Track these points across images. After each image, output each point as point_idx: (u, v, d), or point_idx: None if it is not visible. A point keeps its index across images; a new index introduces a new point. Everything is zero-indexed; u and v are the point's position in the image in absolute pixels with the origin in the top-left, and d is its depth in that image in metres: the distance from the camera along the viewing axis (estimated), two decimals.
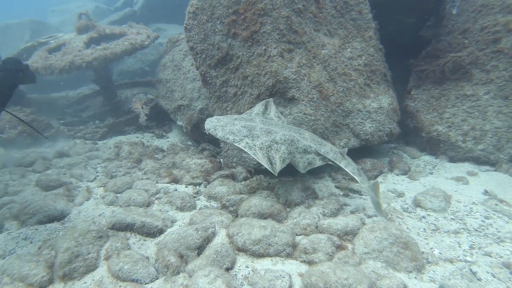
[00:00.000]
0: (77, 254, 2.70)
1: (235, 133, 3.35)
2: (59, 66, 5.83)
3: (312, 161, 3.46)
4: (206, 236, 2.92)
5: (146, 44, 6.18)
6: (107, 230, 3.15)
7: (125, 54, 5.94)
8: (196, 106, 5.51)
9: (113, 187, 4.01)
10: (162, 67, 6.24)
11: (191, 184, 4.13)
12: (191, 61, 5.80)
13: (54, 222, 3.42)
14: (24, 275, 2.58)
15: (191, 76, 5.68)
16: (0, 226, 3.41)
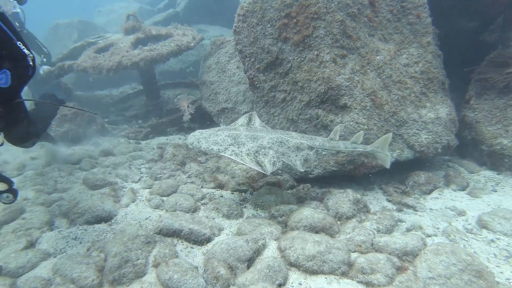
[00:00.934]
0: (126, 260, 2.67)
1: (220, 143, 3.34)
2: (107, 66, 5.95)
3: (307, 157, 3.46)
4: (257, 248, 2.81)
5: (191, 45, 6.19)
6: (154, 235, 3.11)
7: (171, 56, 5.97)
8: (240, 110, 5.44)
9: (159, 190, 4.00)
10: (207, 69, 6.23)
11: (236, 191, 4.05)
12: (237, 64, 5.75)
13: (101, 223, 3.44)
14: (75, 277, 2.58)
15: (236, 79, 5.62)
16: (51, 223, 3.47)
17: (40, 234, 3.28)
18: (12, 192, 2.81)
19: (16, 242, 3.09)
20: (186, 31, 6.63)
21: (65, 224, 3.48)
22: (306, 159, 3.44)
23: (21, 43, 2.62)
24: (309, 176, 4.23)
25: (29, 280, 2.57)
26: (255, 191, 4.04)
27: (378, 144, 3.57)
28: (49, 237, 3.23)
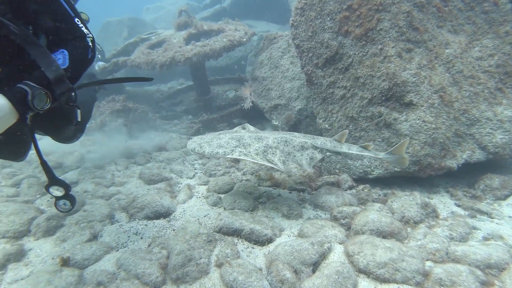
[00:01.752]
0: (190, 258, 2.66)
1: (224, 146, 3.24)
2: (161, 62, 6.04)
3: (313, 155, 3.38)
4: (322, 252, 2.69)
5: (244, 41, 6.14)
6: (214, 233, 3.09)
7: (223, 51, 5.96)
8: (294, 106, 5.32)
9: (215, 187, 3.99)
10: (259, 65, 6.15)
11: (294, 190, 3.95)
12: (290, 59, 5.62)
13: (160, 219, 3.47)
14: (139, 272, 2.60)
15: (290, 75, 5.49)
16: (111, 216, 3.55)
17: (101, 227, 3.36)
18: (69, 199, 2.57)
19: (80, 234, 3.18)
20: (238, 26, 6.60)
21: (125, 218, 3.55)
22: (311, 158, 3.37)
23: (79, 20, 2.32)
24: (368, 177, 4.04)
25: (96, 273, 2.63)
26: (314, 191, 3.92)
27: (395, 151, 3.38)
28: (111, 231, 3.30)
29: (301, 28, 4.44)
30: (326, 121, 4.40)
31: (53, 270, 2.60)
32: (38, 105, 1.91)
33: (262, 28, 11.57)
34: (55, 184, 2.45)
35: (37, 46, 2.00)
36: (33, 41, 1.99)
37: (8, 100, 1.83)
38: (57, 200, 2.51)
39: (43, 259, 2.89)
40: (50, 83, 1.98)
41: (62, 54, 2.15)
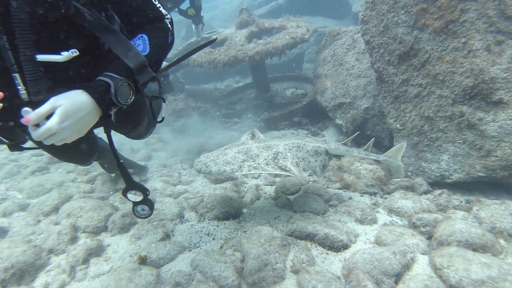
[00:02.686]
0: (266, 263, 2.62)
1: (231, 162, 2.97)
2: (223, 60, 6.08)
3: (325, 162, 3.23)
4: (406, 263, 2.52)
5: (306, 38, 6.00)
6: (286, 236, 3.02)
7: (286, 48, 5.86)
8: (360, 105, 5.10)
9: (282, 188, 3.93)
10: (322, 62, 5.99)
11: (366, 193, 3.78)
12: (356, 56, 5.40)
13: (230, 220, 3.47)
14: (215, 275, 2.59)
15: (356, 72, 5.28)
16: (181, 215, 3.61)
17: (173, 226, 3.42)
18: (148, 204, 2.36)
19: (154, 232, 3.25)
20: (299, 23, 6.47)
21: (195, 217, 3.59)
22: (324, 165, 3.19)
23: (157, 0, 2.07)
24: (446, 181, 3.75)
25: (173, 273, 2.67)
26: (386, 194, 3.72)
27: (390, 154, 3.42)
28: (182, 230, 3.35)
29: (372, 23, 4.22)
30: (397, 121, 4.16)
31: (132, 268, 2.69)
32: (122, 99, 1.70)
33: (319, 24, 11.28)
34: (133, 189, 2.24)
35: (114, 32, 1.76)
36: (108, 28, 1.76)
37: (90, 96, 1.64)
38: (135, 205, 2.32)
39: (121, 256, 3.00)
40: (132, 73, 1.75)
41: (141, 39, 1.92)
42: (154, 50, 1.91)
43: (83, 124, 1.64)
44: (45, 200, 3.86)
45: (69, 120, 1.55)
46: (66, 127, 1.55)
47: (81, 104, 1.60)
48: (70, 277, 2.77)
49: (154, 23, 2.02)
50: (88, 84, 1.68)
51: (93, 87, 1.67)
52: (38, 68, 1.60)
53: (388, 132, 4.86)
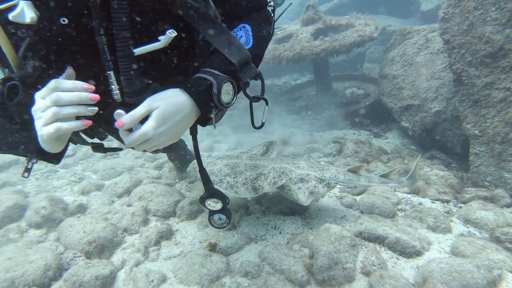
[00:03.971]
0: (336, 261, 2.57)
1: (215, 173, 3.09)
2: (287, 57, 6.07)
3: (314, 189, 3.03)
4: (492, 279, 2.35)
5: (375, 36, 5.81)
6: (353, 237, 2.95)
7: (353, 46, 5.72)
8: (430, 108, 4.85)
9: (347, 188, 3.84)
10: (389, 62, 5.77)
11: (437, 200, 3.58)
12: (428, 57, 5.13)
13: (295, 215, 3.45)
14: (284, 269, 2.59)
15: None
16: (246, 207, 3.65)
17: (239, 217, 3.45)
18: (226, 213, 2.14)
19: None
20: (368, 21, 6.28)
21: (259, 210, 3.60)
22: (312, 192, 3.03)
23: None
24: None
25: (243, 263, 2.70)
26: (461, 203, 3.50)
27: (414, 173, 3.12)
28: (248, 222, 3.37)
29: (454, 21, 3.97)
30: (476, 127, 3.89)
31: (204, 254, 2.76)
32: (225, 100, 1.47)
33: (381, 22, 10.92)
34: (213, 197, 2.02)
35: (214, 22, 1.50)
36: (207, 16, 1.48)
37: (189, 96, 1.44)
38: (212, 214, 2.12)
39: (191, 241, 3.09)
40: (234, 70, 1.51)
41: (243, 30, 1.69)
42: (257, 43, 1.68)
43: (179, 128, 1.43)
44: (118, 182, 4.08)
45: (166, 124, 1.36)
46: (163, 133, 1.35)
47: (179, 106, 1.39)
48: (144, 257, 2.91)
49: (257, 11, 1.77)
50: (187, 83, 1.48)
51: (193, 86, 1.46)
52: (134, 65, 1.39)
53: (461, 139, 4.57)
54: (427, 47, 5.27)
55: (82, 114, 1.26)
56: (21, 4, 1.22)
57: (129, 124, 1.30)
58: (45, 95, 1.25)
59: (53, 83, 1.24)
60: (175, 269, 2.72)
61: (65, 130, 1.25)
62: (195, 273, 2.57)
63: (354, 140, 4.94)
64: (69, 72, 1.35)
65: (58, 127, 1.23)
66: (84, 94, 1.24)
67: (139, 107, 1.33)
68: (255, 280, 2.53)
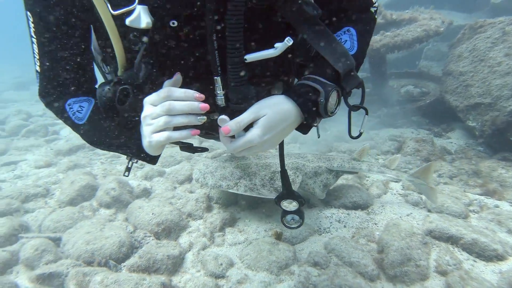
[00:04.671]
0: (409, 258, 2.47)
1: (228, 177, 3.04)
2: None
3: (327, 181, 3.19)
4: None
5: (441, 31, 5.53)
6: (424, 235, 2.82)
7: (416, 42, 5.48)
8: (504, 107, 4.54)
9: (411, 186, 3.69)
10: (456, 58, 5.47)
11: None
12: (505, 51, 4.81)
13: (358, 210, 3.37)
14: (353, 261, 2.54)
15: (503, 70, 4.70)
16: (307, 200, 3.61)
17: None
18: (300, 214, 2.05)
19: None
20: (433, 15, 5.99)
21: (320, 204, 3.54)
22: (325, 185, 3.15)
23: None
24: None
25: (311, 253, 2.68)
26: None
27: (418, 174, 3.13)
28: (311, 214, 3.32)
29: None
30: None
31: (271, 242, 2.77)
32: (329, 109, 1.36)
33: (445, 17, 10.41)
34: (290, 198, 1.97)
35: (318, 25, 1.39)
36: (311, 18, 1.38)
37: (295, 104, 1.35)
38: (286, 214, 2.06)
39: (255, 230, 3.10)
40: (338, 78, 1.40)
41: (348, 34, 1.54)
42: (361, 48, 1.54)
43: (282, 136, 1.38)
44: (179, 169, 4.20)
45: (272, 132, 1.30)
46: (267, 140, 1.30)
47: (285, 114, 1.33)
48: (210, 241, 2.96)
49: (362, 12, 1.60)
50: (292, 90, 1.40)
51: (298, 93, 1.37)
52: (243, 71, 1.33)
53: None
54: (504, 40, 4.93)
55: (192, 124, 1.27)
56: (138, 9, 1.21)
57: (234, 130, 1.27)
58: (157, 102, 1.26)
59: (166, 91, 1.25)
60: (242, 255, 2.74)
61: (175, 139, 1.26)
62: (264, 259, 2.58)
63: (415, 139, 4.75)
64: (177, 78, 1.35)
65: (168, 136, 1.25)
66: (195, 104, 1.23)
67: (245, 114, 1.29)
68: (324, 270, 2.50)
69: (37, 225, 3.29)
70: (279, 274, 2.52)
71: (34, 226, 3.29)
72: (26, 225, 3.26)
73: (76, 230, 2.95)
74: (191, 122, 1.26)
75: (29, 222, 3.34)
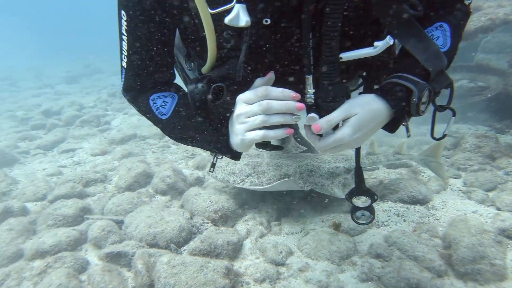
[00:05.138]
0: (482, 255, 2.34)
1: (236, 173, 3.06)
2: None
3: (346, 181, 3.11)
4: None
5: (510, 18, 5.14)
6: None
7: (480, 32, 5.16)
8: None
9: (474, 183, 3.52)
10: None
11: None
12: None
13: (417, 205, 3.25)
14: (418, 255, 2.45)
15: None
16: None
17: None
18: (370, 210, 1.98)
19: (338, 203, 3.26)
20: (502, 2, 5.59)
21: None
22: (344, 184, 3.07)
23: None
24: None
25: (373, 245, 2.62)
26: None
27: (428, 152, 3.39)
28: None
29: None
30: None
31: (330, 232, 2.74)
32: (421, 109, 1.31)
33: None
34: (363, 194, 1.93)
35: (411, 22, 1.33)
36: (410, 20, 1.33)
37: (386, 103, 1.31)
38: (356, 210, 2.00)
39: (311, 220, 3.06)
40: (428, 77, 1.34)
41: (441, 30, 1.45)
42: (454, 45, 1.45)
43: (370, 135, 1.35)
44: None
45: (361, 131, 1.28)
46: (356, 139, 1.29)
47: (376, 113, 1.30)
48: (267, 230, 2.97)
49: (455, 4, 1.48)
50: (383, 88, 1.36)
51: (390, 92, 1.33)
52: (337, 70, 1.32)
53: None
54: None
55: (287, 123, 1.27)
56: (237, 8, 1.20)
57: (325, 128, 1.27)
58: (252, 101, 1.26)
59: (263, 90, 1.25)
60: (300, 244, 2.73)
61: (271, 138, 1.27)
62: (324, 249, 2.55)
63: (475, 134, 4.49)
64: (270, 77, 1.34)
65: (264, 135, 1.26)
66: (292, 104, 1.23)
67: (336, 113, 1.28)
68: (388, 263, 2.43)
69: (99, 208, 3.45)
70: (340, 264, 2.49)
71: (96, 209, 3.45)
72: (89, 207, 3.42)
73: (137, 214, 3.05)
74: (286, 122, 1.26)
75: (91, 205, 3.50)
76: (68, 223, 3.16)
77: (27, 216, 3.37)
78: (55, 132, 6.47)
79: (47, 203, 3.64)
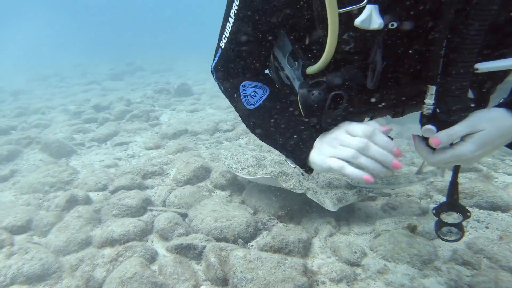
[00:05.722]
0: None
1: (240, 163, 3.16)
2: None
3: (343, 196, 2.83)
4: None
5: None
6: None
7: None
8: None
9: None
10: None
11: None
12: None
13: (497, 212, 3.02)
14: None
15: None
16: (429, 196, 3.35)
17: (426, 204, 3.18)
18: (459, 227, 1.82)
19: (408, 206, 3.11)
20: None
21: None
22: (340, 199, 2.79)
23: None
24: None
25: (457, 251, 2.46)
26: None
27: None
28: None
29: None
30: None
31: (407, 234, 2.59)
32: None
33: None
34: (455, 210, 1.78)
35: None
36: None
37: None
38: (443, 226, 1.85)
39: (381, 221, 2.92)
40: None
41: None
42: None
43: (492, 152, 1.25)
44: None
45: (485, 148, 1.19)
46: (477, 156, 1.19)
47: (505, 131, 1.18)
48: (335, 229, 2.86)
49: None
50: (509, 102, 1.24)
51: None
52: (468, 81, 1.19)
53: None
54: None
55: (373, 172, 1.18)
56: (369, 9, 1.10)
57: (445, 142, 1.17)
58: (355, 134, 1.21)
59: (370, 131, 1.18)
60: (373, 245, 2.60)
61: (347, 175, 1.18)
62: (403, 251, 2.41)
63: None
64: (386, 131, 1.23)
65: (343, 167, 1.19)
66: (390, 158, 1.16)
67: (459, 127, 1.18)
68: (478, 271, 2.24)
69: (160, 200, 3.46)
70: (422, 268, 2.33)
71: (157, 201, 3.46)
72: (150, 199, 3.43)
73: (202, 208, 3.03)
74: (374, 171, 1.18)
75: (152, 197, 3.51)
76: (132, 214, 3.18)
77: (91, 205, 3.43)
78: (108, 125, 6.64)
79: (108, 193, 3.70)
